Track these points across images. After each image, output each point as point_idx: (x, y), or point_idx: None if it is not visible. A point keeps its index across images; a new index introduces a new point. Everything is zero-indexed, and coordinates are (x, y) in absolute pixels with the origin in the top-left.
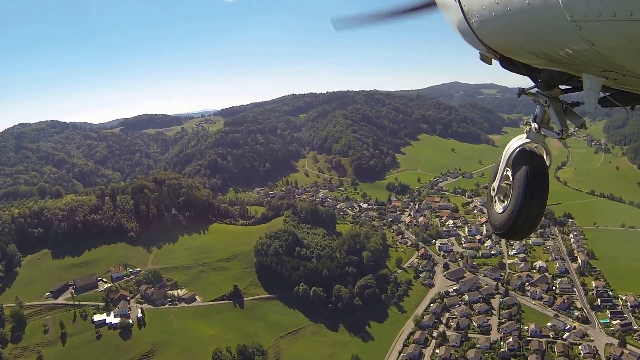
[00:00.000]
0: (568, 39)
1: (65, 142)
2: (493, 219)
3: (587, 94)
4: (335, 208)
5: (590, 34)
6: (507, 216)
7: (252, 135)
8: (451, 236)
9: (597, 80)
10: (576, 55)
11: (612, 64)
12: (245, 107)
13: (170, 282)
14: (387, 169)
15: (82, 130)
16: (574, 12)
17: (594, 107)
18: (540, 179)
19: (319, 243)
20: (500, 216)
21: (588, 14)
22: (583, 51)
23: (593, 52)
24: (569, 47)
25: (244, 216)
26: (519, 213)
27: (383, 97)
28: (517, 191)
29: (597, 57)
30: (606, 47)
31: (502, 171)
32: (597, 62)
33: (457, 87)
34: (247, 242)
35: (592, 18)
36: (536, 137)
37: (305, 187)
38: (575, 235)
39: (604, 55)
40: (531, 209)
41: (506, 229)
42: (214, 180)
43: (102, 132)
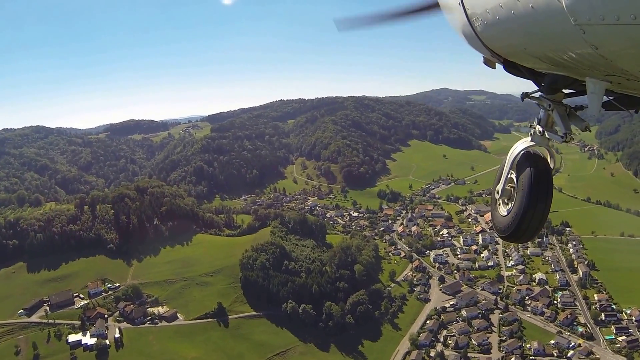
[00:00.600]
0: (572, 43)
1: (49, 148)
2: (497, 221)
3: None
4: (324, 217)
5: (593, 37)
6: (511, 219)
7: (239, 142)
8: (446, 246)
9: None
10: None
11: (615, 68)
12: (232, 113)
13: (151, 298)
14: (377, 175)
15: (67, 135)
16: (577, 16)
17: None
18: (544, 181)
19: (308, 256)
20: (504, 219)
21: (592, 17)
22: (587, 55)
23: (596, 56)
24: (572, 51)
25: (230, 226)
26: (523, 216)
27: (372, 103)
28: (521, 194)
29: (601, 61)
30: (610, 51)
31: (507, 174)
32: (600, 66)
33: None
34: (232, 255)
35: (595, 22)
36: (540, 140)
37: (294, 194)
38: (574, 245)
39: (607, 59)
40: (535, 211)
41: (510, 231)
42: (199, 187)
43: (87, 138)
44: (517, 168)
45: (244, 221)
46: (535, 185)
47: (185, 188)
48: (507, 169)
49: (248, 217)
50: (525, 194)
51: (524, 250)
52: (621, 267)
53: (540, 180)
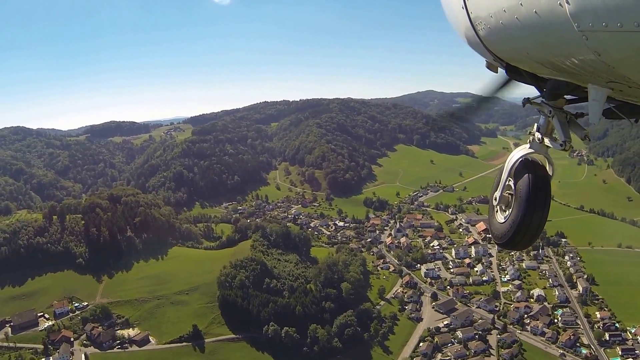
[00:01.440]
0: (574, 49)
1: (26, 151)
2: (494, 228)
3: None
4: (309, 226)
5: (596, 44)
6: (508, 226)
7: (221, 145)
8: (437, 259)
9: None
10: (582, 65)
11: (617, 75)
12: (215, 115)
13: (121, 319)
14: (363, 182)
15: (45, 137)
16: (581, 22)
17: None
18: (542, 189)
19: (292, 272)
20: (501, 226)
21: (595, 24)
22: (589, 61)
23: (599, 63)
24: (575, 57)
25: (209, 236)
26: (521, 223)
27: (358, 106)
28: (519, 201)
29: (603, 68)
30: (612, 58)
31: (505, 181)
32: (602, 72)
33: (432, 96)
34: (210, 271)
35: (598, 28)
36: (539, 147)
37: (277, 202)
38: (571, 258)
39: (609, 65)
40: (533, 219)
41: (507, 238)
42: (179, 194)
43: (65, 140)
44: (515, 175)
45: (223, 232)
46: (533, 193)
47: (165, 195)
48: (505, 176)
49: (228, 227)
50: (523, 202)
51: (520, 264)
52: (621, 281)
53: (538, 188)
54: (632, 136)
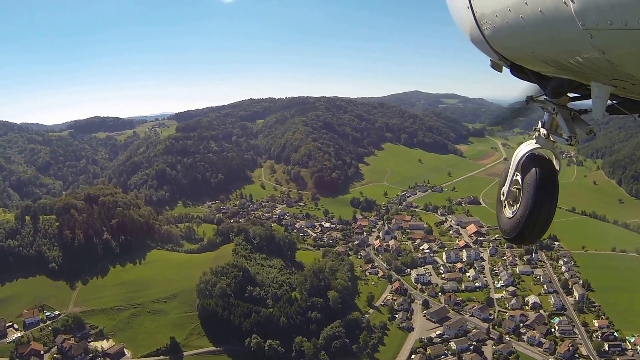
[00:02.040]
0: (579, 47)
1: (7, 146)
2: (502, 223)
3: (595, 102)
4: (294, 227)
5: (601, 42)
6: (516, 221)
7: (205, 143)
8: (427, 264)
9: (605, 89)
10: (586, 63)
11: (621, 73)
12: (200, 112)
13: (95, 330)
14: (350, 181)
15: (27, 132)
16: (585, 21)
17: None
18: (549, 183)
19: (276, 279)
20: (509, 221)
21: (599, 22)
22: (593, 59)
23: (603, 61)
24: (579, 55)
25: (190, 238)
26: (529, 217)
27: (345, 104)
28: (526, 196)
29: (607, 66)
30: (616, 56)
31: (512, 176)
32: (606, 70)
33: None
34: (190, 277)
35: (603, 26)
36: (545, 142)
37: (261, 201)
38: (565, 262)
39: (614, 63)
40: (541, 213)
41: (516, 233)
42: (161, 192)
43: (47, 136)
44: (522, 170)
45: (205, 233)
46: (540, 187)
47: (146, 193)
48: (513, 170)
49: (211, 227)
50: (530, 196)
51: (513, 269)
52: (617, 287)
53: (545, 182)
54: (621, 138)
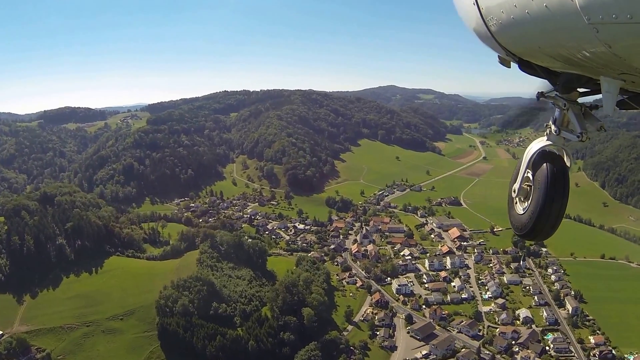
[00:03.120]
0: (585, 42)
1: None
2: (514, 220)
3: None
4: (266, 229)
5: (607, 36)
6: (528, 217)
7: (176, 136)
8: (409, 271)
9: (614, 83)
10: (594, 57)
11: (629, 67)
12: (173, 103)
13: (41, 353)
14: (325, 179)
15: None
16: (591, 15)
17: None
18: (560, 179)
19: (244, 293)
20: (521, 217)
21: (605, 16)
22: (600, 54)
23: (610, 55)
24: (586, 50)
25: (155, 241)
26: (541, 213)
27: (321, 98)
28: (538, 192)
29: (615, 60)
30: (623, 50)
31: (523, 173)
32: (614, 64)
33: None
34: (150, 289)
35: (609, 20)
36: (556, 139)
37: (232, 198)
38: (555, 270)
39: (621, 57)
40: (552, 209)
41: (527, 229)
42: (128, 188)
43: (15, 126)
44: (533, 167)
45: (171, 235)
46: (552, 183)
47: (112, 189)
48: (524, 167)
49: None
50: (542, 192)
51: (500, 278)
52: (610, 297)
53: (557, 178)
54: (602, 139)
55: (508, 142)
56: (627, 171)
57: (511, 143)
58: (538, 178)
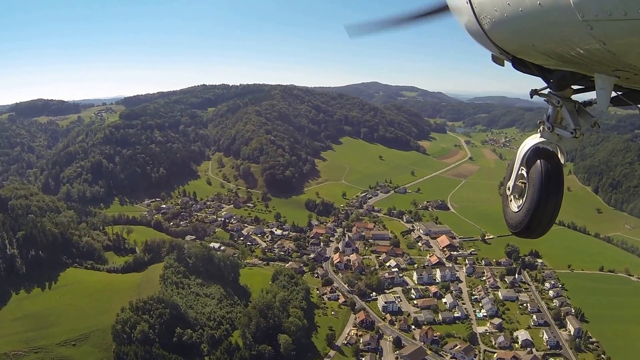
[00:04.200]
0: (579, 39)
1: None
2: (509, 217)
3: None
4: (241, 234)
5: (601, 33)
6: (523, 214)
7: (149, 132)
8: (396, 285)
9: (608, 80)
10: (588, 55)
11: (623, 63)
12: (150, 97)
13: None
14: (305, 179)
15: None
16: (585, 12)
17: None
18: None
19: (214, 315)
20: (516, 215)
21: (599, 13)
22: (594, 51)
23: (604, 52)
24: (580, 47)
25: (119, 249)
26: (535, 211)
27: (302, 94)
28: (532, 189)
29: (609, 57)
30: (617, 46)
31: (517, 170)
32: (608, 61)
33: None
34: (107, 309)
35: (603, 17)
36: (550, 136)
37: (206, 199)
38: (552, 285)
39: (615, 54)
40: (547, 206)
41: (522, 227)
42: (96, 188)
43: None
44: (527, 164)
45: (137, 242)
46: (546, 180)
47: (79, 188)
48: (518, 165)
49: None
50: (536, 189)
51: (495, 293)
52: (613, 316)
53: (551, 175)
54: (592, 142)
55: (494, 142)
56: (622, 176)
57: (497, 143)
58: (532, 175)
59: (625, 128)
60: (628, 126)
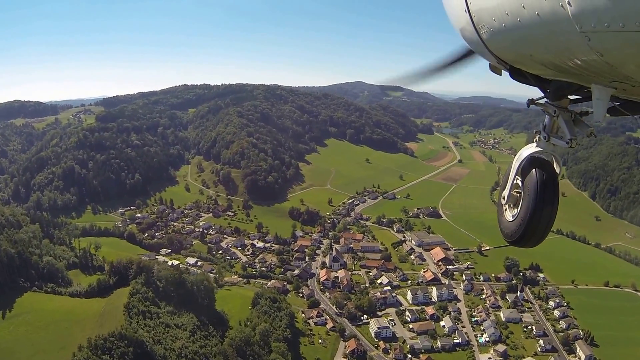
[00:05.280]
0: (577, 50)
1: None
2: (504, 227)
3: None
4: (219, 247)
5: (599, 44)
6: (518, 224)
7: (125, 135)
8: (389, 306)
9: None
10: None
11: (620, 75)
12: (130, 97)
13: None
14: (289, 184)
15: None
16: (583, 23)
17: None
18: (550, 186)
19: (185, 351)
20: (511, 224)
21: (597, 24)
22: (592, 62)
23: (602, 63)
24: (578, 58)
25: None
26: (530, 220)
27: (285, 94)
28: (527, 199)
29: (606, 68)
30: (615, 58)
31: (512, 179)
32: (605, 72)
33: (361, 87)
34: (65, 344)
35: (600, 29)
36: (545, 145)
37: (184, 207)
38: (557, 304)
39: (612, 65)
40: (542, 216)
41: (517, 236)
42: (67, 196)
43: None
44: (522, 173)
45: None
46: (541, 190)
47: (50, 196)
48: (513, 174)
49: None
50: (531, 199)
51: (496, 314)
52: (624, 339)
53: (546, 185)
54: (585, 145)
55: (483, 144)
56: (620, 182)
57: (486, 145)
58: (527, 184)
59: (616, 130)
60: (619, 128)
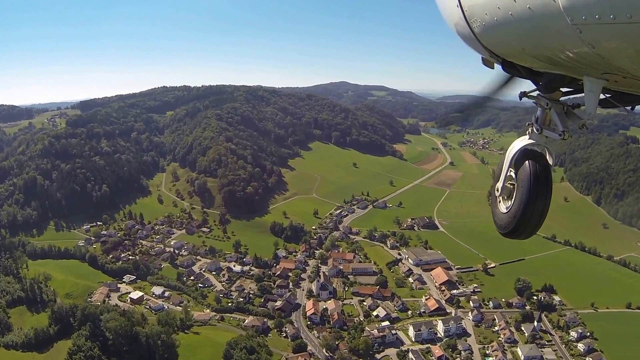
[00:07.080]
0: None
1: None
2: (498, 218)
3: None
4: (192, 271)
5: (590, 37)
6: (512, 215)
7: (94, 141)
8: (388, 346)
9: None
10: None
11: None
12: (107, 100)
13: None
14: (271, 194)
15: None
16: (574, 16)
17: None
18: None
19: None
20: (504, 216)
21: (588, 17)
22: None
23: (593, 55)
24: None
25: (35, 301)
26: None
27: (268, 95)
28: (520, 191)
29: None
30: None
31: (506, 172)
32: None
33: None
34: None
35: (592, 21)
36: (538, 138)
37: (155, 222)
38: (579, 334)
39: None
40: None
41: (510, 228)
42: (28, 210)
43: None
44: (515, 165)
45: (57, 293)
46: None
47: (9, 211)
48: (507, 166)
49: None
50: (524, 191)
51: (513, 350)
52: None
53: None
54: (581, 145)
55: (472, 144)
56: (626, 185)
57: (476, 145)
58: (521, 176)
59: (610, 128)
60: (612, 126)
